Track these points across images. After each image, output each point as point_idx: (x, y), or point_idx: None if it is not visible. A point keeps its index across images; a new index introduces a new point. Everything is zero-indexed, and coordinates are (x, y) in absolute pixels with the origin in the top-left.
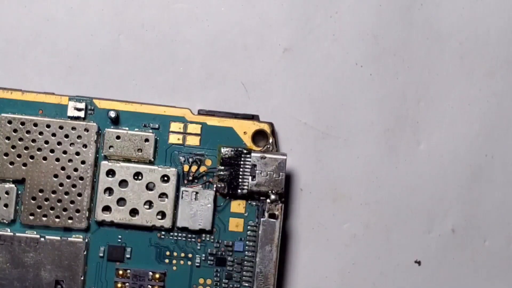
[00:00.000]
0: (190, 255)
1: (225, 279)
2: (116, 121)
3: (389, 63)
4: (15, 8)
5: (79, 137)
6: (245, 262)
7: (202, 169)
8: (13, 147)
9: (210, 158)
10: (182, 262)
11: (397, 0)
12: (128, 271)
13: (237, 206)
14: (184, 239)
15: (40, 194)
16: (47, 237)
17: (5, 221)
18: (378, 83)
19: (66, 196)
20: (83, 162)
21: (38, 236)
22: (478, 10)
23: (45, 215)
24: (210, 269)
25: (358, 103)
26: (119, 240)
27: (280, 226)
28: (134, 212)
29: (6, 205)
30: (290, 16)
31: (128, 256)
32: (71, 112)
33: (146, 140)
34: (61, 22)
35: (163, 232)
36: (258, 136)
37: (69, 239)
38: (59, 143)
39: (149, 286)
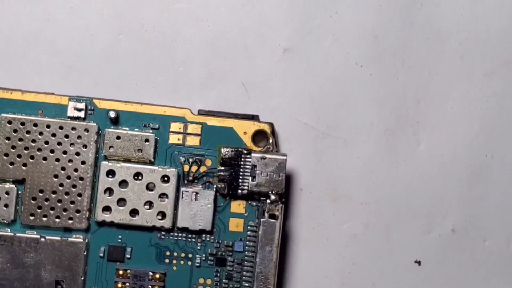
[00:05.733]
0: (190, 255)
1: (225, 279)
2: (116, 121)
3: (389, 63)
4: (15, 8)
5: (79, 137)
6: (245, 262)
7: (202, 169)
8: (13, 147)
9: (210, 158)
10: (182, 262)
11: (397, 0)
12: (128, 271)
13: (237, 206)
14: (184, 239)
15: (40, 194)
16: (47, 237)
17: (5, 221)
18: (378, 83)
19: (66, 197)
20: (83, 163)
21: (38, 236)
22: (478, 10)
23: (45, 215)
24: (210, 269)
25: (358, 103)
26: (119, 240)
27: (280, 226)
28: (134, 212)
29: (6, 205)
30: (290, 16)
31: (128, 256)
32: (71, 112)
33: (146, 140)
34: (61, 22)
35: (163, 232)
36: (258, 136)
37: (69, 239)
38: (59, 143)
39: (149, 286)
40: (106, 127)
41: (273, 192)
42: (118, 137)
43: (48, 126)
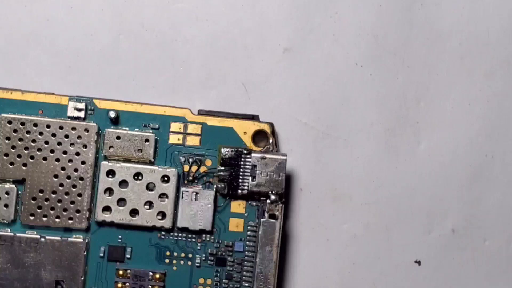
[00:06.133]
0: (190, 255)
1: (225, 279)
2: (116, 121)
3: (389, 63)
4: (15, 8)
5: (79, 137)
6: (245, 262)
7: (202, 169)
8: (13, 147)
9: (210, 158)
10: (182, 262)
11: (397, 0)
12: (128, 271)
13: (237, 206)
14: (184, 239)
15: (40, 194)
16: (47, 237)
17: (5, 221)
18: (378, 83)
19: (66, 197)
20: (83, 162)
21: (38, 236)
22: (478, 10)
23: (45, 215)
24: (210, 269)
25: (358, 103)
26: (119, 240)
27: (280, 226)
28: (134, 212)
29: (6, 205)
30: (290, 16)
31: (128, 256)
32: (71, 112)
33: (146, 140)
34: (61, 22)
35: (163, 232)
36: (258, 136)
37: (69, 239)
38: (59, 143)
39: (149, 286)
40: (106, 127)
41: (273, 192)
42: (118, 137)
43: (48, 126)
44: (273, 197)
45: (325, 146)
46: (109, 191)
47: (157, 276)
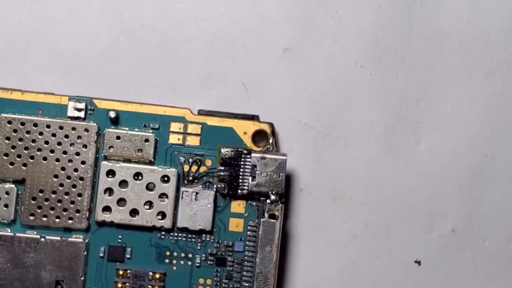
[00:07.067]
0: (190, 255)
1: (225, 279)
2: (116, 121)
3: (389, 63)
4: (15, 8)
5: (79, 137)
6: (245, 262)
7: (202, 169)
8: (13, 147)
9: (210, 158)
10: (182, 262)
11: (397, 0)
12: (128, 271)
13: (237, 206)
14: (184, 239)
15: (40, 194)
16: (47, 237)
17: (5, 221)
18: (378, 83)
19: (66, 197)
20: (83, 162)
21: (38, 236)
22: (478, 10)
23: (45, 215)
24: (210, 269)
25: (358, 103)
26: (119, 240)
27: (280, 226)
28: (134, 212)
29: (6, 206)
30: (290, 16)
31: (128, 256)
32: (71, 112)
33: (146, 140)
34: (61, 22)
35: (163, 232)
36: (258, 136)
37: (69, 239)
38: (59, 143)
39: (149, 286)
40: (106, 127)
41: (273, 192)
42: (118, 137)
43: (48, 126)
44: (273, 197)
45: (325, 146)
46: (109, 191)
47: (157, 276)
